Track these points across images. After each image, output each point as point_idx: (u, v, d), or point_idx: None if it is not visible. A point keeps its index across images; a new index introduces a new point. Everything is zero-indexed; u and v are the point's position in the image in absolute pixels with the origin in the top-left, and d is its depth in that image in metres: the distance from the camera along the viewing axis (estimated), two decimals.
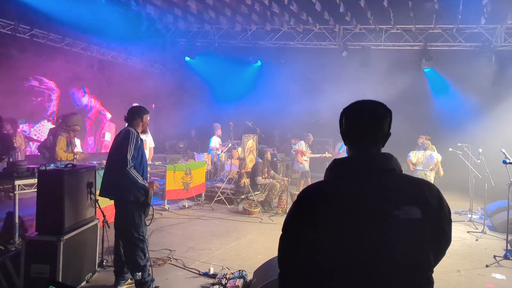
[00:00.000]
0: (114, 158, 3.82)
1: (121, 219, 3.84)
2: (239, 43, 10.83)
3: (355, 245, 1.28)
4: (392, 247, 1.27)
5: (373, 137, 1.43)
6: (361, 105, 1.47)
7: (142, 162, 3.90)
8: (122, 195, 3.77)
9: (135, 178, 3.72)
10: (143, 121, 4.01)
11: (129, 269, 3.90)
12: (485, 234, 6.60)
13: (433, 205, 1.34)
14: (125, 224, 3.81)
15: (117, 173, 3.73)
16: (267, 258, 4.33)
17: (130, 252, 3.81)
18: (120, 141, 3.78)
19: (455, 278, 4.65)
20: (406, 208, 1.29)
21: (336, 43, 9.97)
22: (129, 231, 3.80)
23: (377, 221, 1.28)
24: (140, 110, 4.02)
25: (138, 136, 3.88)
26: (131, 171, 3.70)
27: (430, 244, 1.33)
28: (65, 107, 9.93)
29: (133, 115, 3.97)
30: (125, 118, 3.98)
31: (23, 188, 4.77)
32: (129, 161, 3.69)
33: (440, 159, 7.89)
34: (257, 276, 3.84)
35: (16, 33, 8.51)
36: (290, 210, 1.44)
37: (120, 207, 3.86)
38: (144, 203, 3.87)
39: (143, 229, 3.88)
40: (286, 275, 1.40)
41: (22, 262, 3.51)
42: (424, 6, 8.16)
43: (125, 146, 3.72)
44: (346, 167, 1.42)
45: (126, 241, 3.84)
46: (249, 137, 9.63)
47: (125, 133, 3.82)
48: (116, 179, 3.75)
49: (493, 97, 9.88)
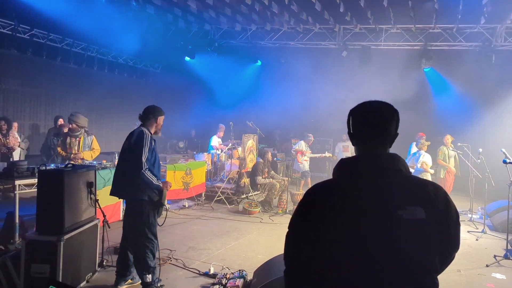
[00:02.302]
0: (128, 159, 3.77)
1: (133, 218, 3.80)
2: (239, 43, 10.83)
3: (359, 245, 1.28)
4: (395, 247, 1.28)
5: (380, 138, 1.44)
6: (368, 106, 1.48)
7: (156, 163, 3.86)
8: (136, 195, 3.74)
9: (150, 180, 3.69)
10: (157, 122, 3.94)
11: (137, 270, 3.85)
12: (485, 233, 6.60)
13: (439, 207, 1.34)
14: (138, 224, 3.77)
15: (130, 174, 3.69)
16: (267, 258, 4.33)
17: (140, 253, 3.77)
18: (134, 142, 3.72)
19: (455, 277, 4.65)
20: (410, 208, 1.29)
21: (336, 43, 9.96)
22: (142, 231, 3.76)
23: (381, 221, 1.28)
24: (155, 111, 3.94)
25: (151, 137, 3.83)
26: (146, 173, 3.66)
27: (435, 246, 1.32)
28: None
29: (148, 115, 3.91)
30: (140, 117, 3.93)
31: (23, 188, 4.77)
32: (144, 164, 3.66)
33: (427, 160, 7.85)
34: (257, 276, 3.84)
35: (16, 33, 8.51)
36: (296, 209, 1.45)
37: (133, 207, 3.83)
38: (158, 203, 3.83)
39: (155, 229, 3.85)
40: (292, 273, 1.41)
41: (22, 262, 3.51)
42: (424, 5, 8.15)
43: (140, 148, 3.67)
44: (353, 166, 1.42)
45: (137, 241, 3.79)
46: (249, 137, 9.63)
47: (138, 134, 3.75)
48: (129, 179, 3.71)
49: (493, 97, 9.88)
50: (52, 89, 9.97)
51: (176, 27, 10.56)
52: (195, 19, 10.23)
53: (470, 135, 8.78)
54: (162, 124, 4.01)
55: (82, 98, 10.74)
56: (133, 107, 11.98)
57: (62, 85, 10.18)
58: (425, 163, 7.80)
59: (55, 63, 9.91)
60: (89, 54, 10.68)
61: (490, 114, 9.79)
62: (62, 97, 10.22)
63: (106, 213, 4.20)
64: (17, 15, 8.29)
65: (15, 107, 9.10)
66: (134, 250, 3.85)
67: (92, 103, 11.00)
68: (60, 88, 10.15)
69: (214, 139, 10.13)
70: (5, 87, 8.87)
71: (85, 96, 10.82)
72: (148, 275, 3.74)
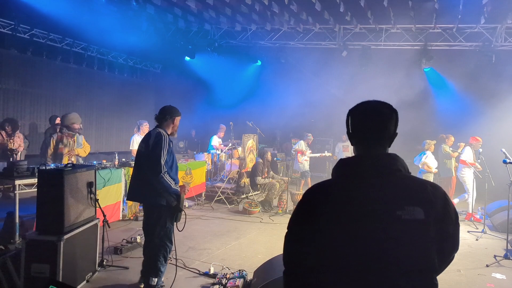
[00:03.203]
0: (145, 162, 3.68)
1: (150, 223, 3.77)
2: (239, 43, 10.83)
3: (357, 245, 1.28)
4: (393, 247, 1.28)
5: (379, 138, 1.44)
6: (366, 105, 1.48)
7: (173, 165, 3.79)
8: (154, 199, 3.66)
9: (169, 183, 3.61)
10: (174, 123, 3.87)
11: (145, 269, 3.85)
12: (485, 233, 6.60)
13: (438, 207, 1.33)
14: (155, 229, 3.73)
15: (148, 178, 3.62)
16: (267, 257, 4.32)
17: (153, 256, 3.77)
18: (152, 145, 3.62)
19: (455, 277, 4.65)
20: (409, 209, 1.29)
21: (336, 43, 9.96)
22: (158, 235, 3.73)
23: (379, 221, 1.29)
24: (172, 111, 3.86)
25: (169, 139, 3.75)
26: (165, 177, 3.59)
27: (434, 246, 1.32)
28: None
29: (164, 115, 3.83)
30: (156, 117, 3.87)
31: (23, 187, 4.77)
32: (163, 167, 3.58)
33: (427, 160, 7.82)
34: (257, 276, 3.84)
35: (16, 33, 8.51)
36: (295, 208, 1.45)
37: (151, 212, 3.78)
38: (176, 208, 3.75)
39: (172, 234, 3.80)
40: (291, 272, 1.41)
41: (22, 261, 3.51)
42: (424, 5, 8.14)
43: (158, 151, 3.58)
44: (351, 166, 1.43)
45: (152, 244, 3.78)
46: (249, 137, 9.63)
47: (156, 136, 3.67)
48: (147, 183, 3.63)
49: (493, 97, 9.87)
50: (52, 89, 9.96)
51: (176, 27, 10.56)
52: (195, 19, 10.23)
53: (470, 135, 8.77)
54: (178, 125, 3.95)
55: (82, 98, 10.74)
56: (133, 107, 12.02)
57: (62, 85, 10.17)
58: (426, 164, 7.80)
59: (55, 63, 9.91)
60: (89, 54, 10.68)
61: (490, 114, 9.78)
62: (62, 97, 10.21)
63: (106, 213, 4.20)
64: (17, 15, 8.29)
65: (15, 107, 9.09)
66: (148, 252, 3.83)
67: (92, 103, 11.00)
68: (60, 88, 10.14)
69: (214, 138, 10.14)
70: (5, 87, 8.87)
71: (85, 96, 10.82)
72: (154, 279, 3.74)
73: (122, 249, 4.96)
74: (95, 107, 11.07)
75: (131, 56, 12.00)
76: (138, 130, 7.37)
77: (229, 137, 9.83)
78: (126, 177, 6.64)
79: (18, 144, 7.30)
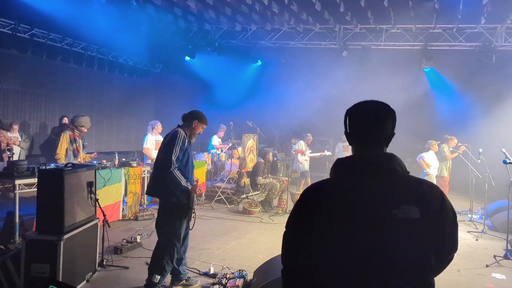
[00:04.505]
0: (159, 157, 3.86)
1: (161, 219, 3.85)
2: (239, 42, 10.83)
3: (353, 244, 1.29)
4: (389, 246, 1.28)
5: (376, 138, 1.44)
6: (364, 105, 1.48)
7: (188, 164, 3.90)
8: (166, 196, 3.78)
9: (178, 179, 3.71)
10: (193, 126, 3.97)
11: (150, 266, 3.85)
12: (485, 234, 6.61)
13: (434, 206, 1.33)
14: (165, 225, 3.81)
15: (162, 174, 3.74)
16: (267, 257, 4.33)
17: (159, 253, 3.79)
18: (167, 142, 3.81)
19: (455, 278, 4.65)
20: (404, 208, 1.29)
21: (336, 43, 9.95)
22: (167, 233, 3.80)
23: (375, 220, 1.29)
24: (195, 115, 4.00)
25: (185, 137, 3.87)
26: (174, 172, 3.69)
27: (430, 246, 1.31)
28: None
29: (188, 116, 3.99)
30: (183, 116, 4.01)
31: (23, 187, 4.77)
32: (173, 162, 3.70)
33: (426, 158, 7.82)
34: (257, 276, 3.84)
35: (16, 33, 8.51)
36: (293, 208, 1.46)
37: (162, 207, 3.88)
38: (186, 206, 3.83)
39: (181, 233, 3.84)
40: (289, 272, 1.42)
41: (22, 261, 3.51)
42: (424, 5, 8.14)
43: (171, 147, 3.73)
44: (348, 166, 1.43)
45: (161, 240, 3.83)
46: (249, 137, 9.63)
47: (173, 134, 3.84)
48: (162, 179, 3.76)
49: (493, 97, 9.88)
50: (52, 89, 9.95)
51: (176, 27, 10.56)
52: (195, 19, 10.23)
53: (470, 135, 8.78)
54: (198, 131, 4.04)
55: (82, 98, 10.73)
56: (133, 107, 12.02)
57: (62, 85, 10.16)
58: (424, 163, 7.79)
59: (55, 63, 9.90)
60: (89, 54, 10.66)
61: (490, 114, 9.79)
62: (62, 97, 10.20)
63: (106, 212, 4.21)
64: (17, 14, 8.29)
65: (15, 107, 9.09)
66: (155, 249, 3.86)
67: (92, 103, 10.99)
68: (60, 88, 10.13)
69: (214, 138, 10.15)
70: (5, 87, 8.86)
71: (85, 96, 10.81)
72: (157, 276, 3.75)
73: (122, 249, 4.96)
74: (95, 107, 11.06)
75: (131, 56, 11.99)
76: (152, 129, 7.79)
77: (229, 137, 9.83)
78: (126, 177, 6.65)
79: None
